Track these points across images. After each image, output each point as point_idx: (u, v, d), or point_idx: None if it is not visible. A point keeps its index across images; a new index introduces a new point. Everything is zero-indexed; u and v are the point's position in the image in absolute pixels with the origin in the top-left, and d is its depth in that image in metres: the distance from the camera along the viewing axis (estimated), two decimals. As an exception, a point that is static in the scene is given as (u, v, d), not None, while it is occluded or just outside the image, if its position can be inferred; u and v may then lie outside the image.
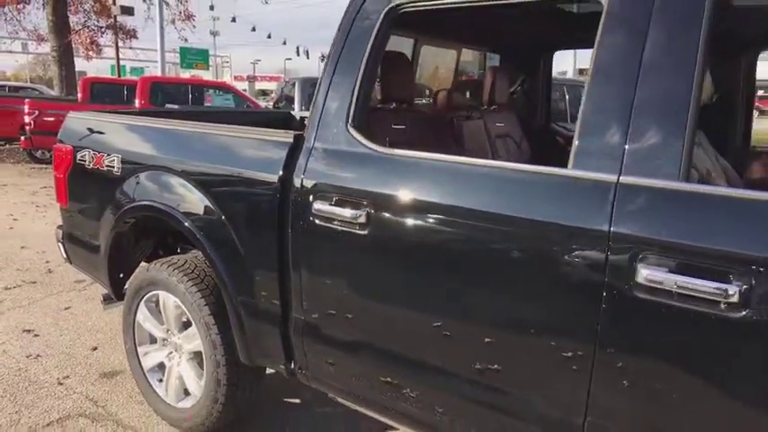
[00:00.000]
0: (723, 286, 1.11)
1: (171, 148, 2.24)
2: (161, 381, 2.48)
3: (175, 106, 8.98)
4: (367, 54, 1.73)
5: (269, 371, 2.36)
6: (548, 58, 3.53)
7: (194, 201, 2.07)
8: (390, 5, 1.73)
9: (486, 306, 1.46)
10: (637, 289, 1.20)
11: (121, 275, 2.63)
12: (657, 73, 1.26)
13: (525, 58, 3.48)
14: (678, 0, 1.25)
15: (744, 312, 1.10)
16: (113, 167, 2.44)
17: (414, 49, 2.69)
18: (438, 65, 3.33)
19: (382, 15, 1.74)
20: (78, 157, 2.64)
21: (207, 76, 28.50)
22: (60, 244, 2.94)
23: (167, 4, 16.80)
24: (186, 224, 2.07)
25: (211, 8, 35.33)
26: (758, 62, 2.56)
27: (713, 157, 2.43)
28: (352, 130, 1.72)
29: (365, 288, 1.70)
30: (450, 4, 1.66)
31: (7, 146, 12.40)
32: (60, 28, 13.41)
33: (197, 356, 2.31)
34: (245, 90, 24.57)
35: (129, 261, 2.64)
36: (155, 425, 2.45)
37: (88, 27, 14.96)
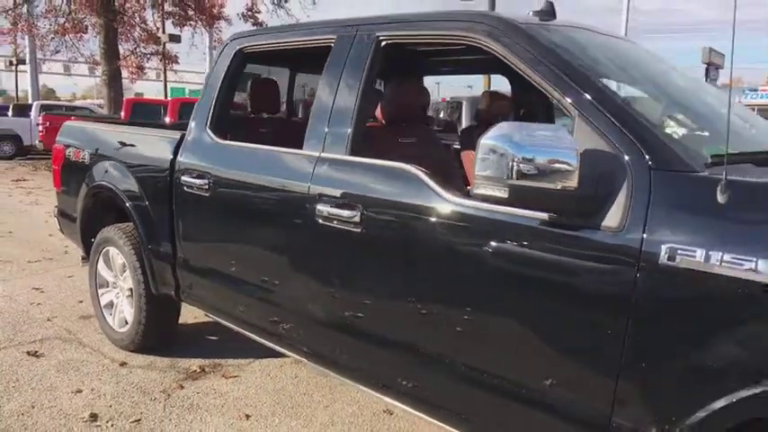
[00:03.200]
0: (350, 213, 1.94)
1: (116, 144, 3.21)
2: (111, 314, 3.42)
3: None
4: (221, 81, 2.65)
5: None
6: None
7: (125, 179, 3.02)
8: (236, 49, 2.64)
9: (263, 233, 2.33)
10: (318, 217, 2.04)
11: (92, 240, 3.60)
12: (343, 93, 2.10)
13: None
14: (354, 52, 2.10)
15: (361, 228, 1.92)
16: (85, 159, 3.43)
17: (290, 77, 3.61)
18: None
19: (232, 55, 2.65)
20: (67, 153, 3.66)
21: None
22: (56, 218, 3.96)
23: (209, 32, 18.42)
24: (116, 192, 3.01)
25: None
26: None
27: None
28: (208, 130, 2.63)
29: (209, 232, 2.60)
30: (270, 46, 2.56)
31: (60, 158, 14.00)
32: (110, 55, 15.11)
33: (131, 294, 3.23)
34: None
35: (97, 228, 3.60)
36: (104, 345, 3.38)
37: (135, 54, 16.67)
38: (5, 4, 15.91)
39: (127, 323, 3.30)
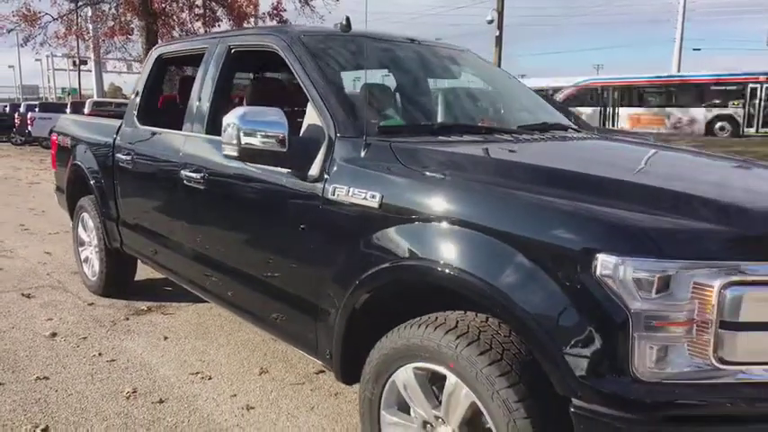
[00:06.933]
0: (198, 175, 2.67)
1: (84, 129, 4.07)
2: (87, 267, 4.31)
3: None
4: (145, 80, 3.44)
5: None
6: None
7: (89, 159, 3.88)
8: (158, 54, 3.42)
9: (159, 193, 3.12)
10: (183, 179, 2.78)
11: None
12: (205, 88, 2.83)
13: None
14: (215, 57, 2.82)
15: (204, 185, 2.65)
16: (68, 144, 4.33)
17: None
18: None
19: (154, 60, 3.43)
20: (59, 139, 4.57)
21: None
22: (55, 193, 4.91)
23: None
24: (83, 168, 3.88)
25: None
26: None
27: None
28: (135, 118, 3.43)
29: (133, 195, 3.40)
30: (180, 53, 3.32)
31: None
32: (151, 54, 16.44)
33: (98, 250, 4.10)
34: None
35: (78, 199, 4.49)
36: (82, 291, 4.28)
37: (174, 53, 18.00)
38: (60, 10, 17.57)
39: (96, 273, 4.17)
